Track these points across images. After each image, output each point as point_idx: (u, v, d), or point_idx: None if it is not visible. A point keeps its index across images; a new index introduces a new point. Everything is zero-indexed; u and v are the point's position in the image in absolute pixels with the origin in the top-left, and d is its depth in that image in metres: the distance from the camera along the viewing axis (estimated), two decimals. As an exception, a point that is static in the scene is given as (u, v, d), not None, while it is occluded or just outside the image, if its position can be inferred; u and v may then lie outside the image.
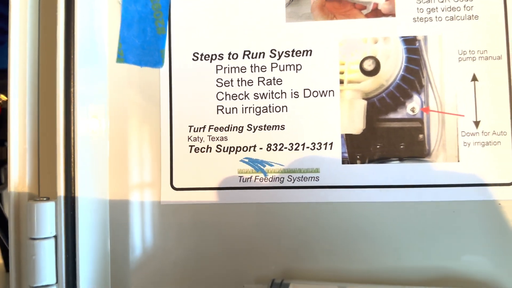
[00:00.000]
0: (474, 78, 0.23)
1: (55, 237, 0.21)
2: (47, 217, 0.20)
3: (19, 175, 0.21)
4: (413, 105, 0.23)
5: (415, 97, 0.23)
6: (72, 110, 0.21)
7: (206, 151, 0.24)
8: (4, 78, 0.30)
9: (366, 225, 0.23)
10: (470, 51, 0.23)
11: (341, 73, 0.23)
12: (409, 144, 0.23)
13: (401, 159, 0.23)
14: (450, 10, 0.23)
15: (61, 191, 0.21)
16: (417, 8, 0.23)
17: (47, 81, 0.23)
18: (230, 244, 0.23)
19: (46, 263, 0.20)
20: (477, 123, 0.23)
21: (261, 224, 0.23)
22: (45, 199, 0.21)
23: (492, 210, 0.22)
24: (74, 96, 0.21)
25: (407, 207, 0.23)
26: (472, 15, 0.23)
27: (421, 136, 0.23)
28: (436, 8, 0.23)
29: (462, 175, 0.22)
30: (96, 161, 0.23)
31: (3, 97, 0.30)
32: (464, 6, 0.23)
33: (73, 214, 0.21)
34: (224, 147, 0.24)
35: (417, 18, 0.23)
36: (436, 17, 0.23)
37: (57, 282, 0.21)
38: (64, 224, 0.21)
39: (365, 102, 0.23)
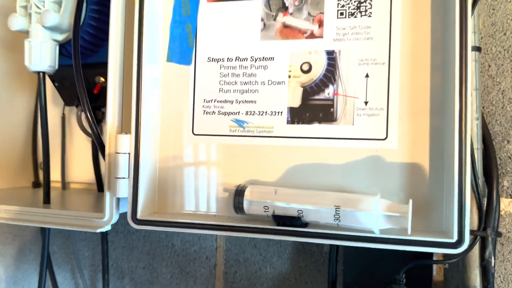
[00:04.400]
0: (367, 76, 0.38)
1: (129, 153, 0.40)
2: (125, 143, 0.40)
3: (112, 120, 0.40)
4: (329, 91, 0.39)
5: (330, 86, 0.39)
6: (140, 91, 0.40)
7: (212, 114, 0.42)
8: (103, 68, 0.50)
9: (297, 159, 0.39)
10: (366, 59, 0.38)
11: (289, 71, 0.40)
12: (324, 114, 0.39)
13: (320, 122, 0.39)
14: (356, 34, 0.38)
15: (133, 128, 0.40)
16: (336, 33, 0.39)
17: (129, 69, 0.42)
18: (223, 163, 0.41)
19: (123, 166, 0.39)
20: (366, 103, 0.38)
21: (239, 156, 0.41)
22: (125, 133, 0.40)
23: (371, 155, 0.38)
24: (141, 80, 0.40)
25: (322, 150, 0.39)
26: (369, 37, 0.38)
27: (332, 109, 0.39)
28: (347, 33, 0.39)
29: (355, 133, 0.38)
30: (152, 118, 0.42)
31: (102, 79, 0.50)
32: (364, 31, 0.38)
33: (137, 142, 0.40)
34: (222, 112, 0.41)
35: (336, 39, 0.39)
36: (347, 38, 0.39)
37: (128, 177, 0.40)
38: (134, 147, 0.40)
39: (302, 89, 0.39)
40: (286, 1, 0.40)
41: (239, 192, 0.38)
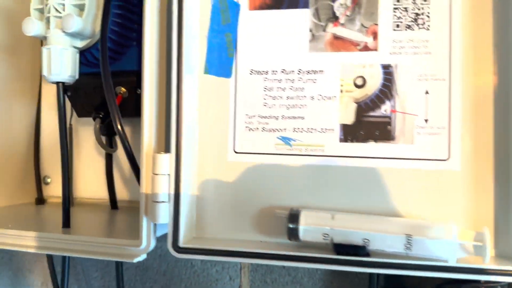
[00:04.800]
0: (427, 92, 0.36)
1: (169, 175, 0.36)
2: (165, 163, 0.36)
3: (149, 138, 0.37)
4: (385, 107, 0.36)
5: (387, 102, 0.36)
6: (181, 105, 0.36)
7: (255, 130, 0.39)
8: (124, 77, 0.46)
9: (351, 180, 0.37)
10: (425, 74, 0.36)
11: (341, 85, 0.37)
12: (381, 132, 0.36)
13: (376, 141, 0.36)
14: (413, 48, 0.36)
15: (173, 146, 0.36)
16: (392, 46, 0.36)
17: (162, 81, 0.38)
18: (269, 184, 0.38)
19: (163, 190, 0.36)
20: (426, 120, 0.36)
21: (286, 176, 0.38)
22: (164, 152, 0.36)
23: (432, 176, 0.36)
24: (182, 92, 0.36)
25: (379, 171, 0.36)
26: (427, 51, 0.36)
27: (389, 127, 0.36)
28: (405, 46, 0.36)
29: (415, 153, 0.36)
30: (191, 135, 0.38)
31: (123, 89, 0.46)
32: (422, 45, 0.36)
33: (178, 161, 0.36)
34: (266, 128, 0.38)
35: (392, 52, 0.36)
36: (404, 52, 0.36)
37: (168, 200, 0.36)
38: (175, 168, 0.36)
39: (355, 105, 0.37)
40: (336, 11, 0.38)
41: (293, 217, 0.35)
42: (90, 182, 0.57)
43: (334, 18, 0.38)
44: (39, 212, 0.56)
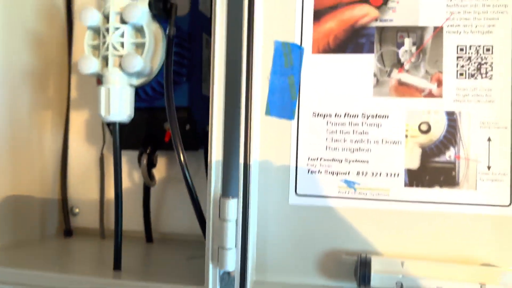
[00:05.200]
0: (489, 139, 0.37)
1: (236, 220, 0.36)
2: (233, 208, 0.35)
3: (215, 181, 0.36)
4: (450, 153, 0.37)
5: (451, 148, 0.37)
6: (249, 147, 0.36)
7: (318, 173, 0.39)
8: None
9: (415, 225, 0.37)
10: (487, 122, 0.37)
11: (406, 130, 0.38)
12: (446, 177, 0.37)
13: (441, 186, 0.37)
14: (476, 96, 0.37)
15: (240, 191, 0.36)
16: (456, 94, 0.37)
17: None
18: (332, 228, 0.38)
19: (231, 236, 0.35)
20: (489, 167, 0.37)
21: (350, 220, 0.38)
22: (231, 197, 0.36)
23: (496, 220, 0.36)
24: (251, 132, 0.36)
25: (442, 216, 0.37)
26: (490, 100, 0.37)
27: (453, 173, 0.37)
28: (468, 94, 0.37)
29: (478, 199, 0.37)
30: (255, 178, 0.38)
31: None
32: (485, 94, 0.37)
33: (246, 207, 0.36)
34: (329, 171, 0.38)
35: (456, 100, 0.37)
36: (467, 99, 0.37)
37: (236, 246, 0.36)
38: (242, 213, 0.36)
39: (420, 150, 0.38)
40: (401, 57, 0.38)
41: (363, 263, 0.35)
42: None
43: (399, 64, 0.38)
44: (71, 246, 0.55)
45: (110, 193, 0.56)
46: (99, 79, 0.47)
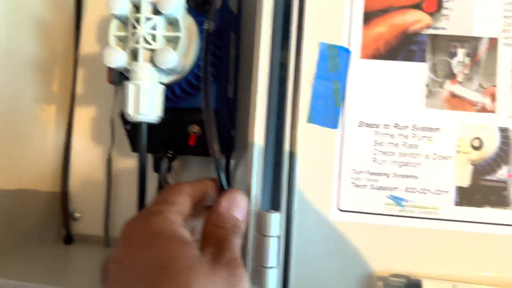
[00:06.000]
0: (542, 159, 0.35)
1: (278, 236, 0.33)
2: (275, 223, 0.32)
3: (257, 194, 0.33)
4: (502, 172, 0.35)
5: (504, 167, 0.35)
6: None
7: (363, 187, 0.36)
8: (194, 114, 0.41)
9: (465, 246, 0.35)
10: (541, 140, 0.35)
11: (458, 145, 0.36)
12: (497, 197, 0.35)
13: (492, 206, 0.35)
14: (531, 113, 0.36)
15: (283, 204, 0.33)
16: (510, 110, 0.36)
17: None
18: (377, 247, 0.35)
19: (273, 253, 0.32)
20: (542, 187, 0.35)
21: (396, 239, 0.35)
22: (274, 211, 0.33)
23: (547, 244, 0.35)
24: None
25: (492, 238, 0.35)
26: (545, 118, 0.35)
27: (505, 192, 0.35)
28: (523, 110, 0.36)
29: (530, 220, 0.35)
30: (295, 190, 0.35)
31: (197, 128, 0.42)
32: (540, 111, 0.36)
33: (289, 223, 0.33)
34: (376, 186, 0.36)
35: (510, 115, 0.36)
36: (522, 116, 0.36)
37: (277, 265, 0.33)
38: (285, 228, 0.33)
39: (472, 167, 0.36)
40: (454, 68, 0.36)
41: (413, 286, 0.33)
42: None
43: (452, 76, 0.36)
44: (70, 254, 0.50)
45: (116, 198, 0.51)
46: (111, 76, 0.43)
